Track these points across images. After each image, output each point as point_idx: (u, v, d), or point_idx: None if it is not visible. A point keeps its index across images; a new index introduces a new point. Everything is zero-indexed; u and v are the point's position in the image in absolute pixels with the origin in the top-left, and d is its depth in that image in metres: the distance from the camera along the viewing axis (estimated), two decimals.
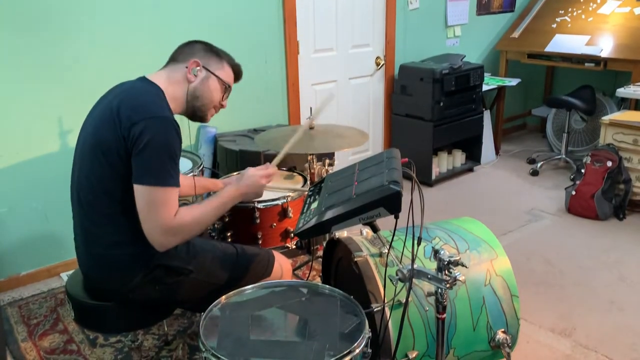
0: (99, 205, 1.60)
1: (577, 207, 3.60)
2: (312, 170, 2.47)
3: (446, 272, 1.39)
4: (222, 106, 1.80)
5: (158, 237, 1.54)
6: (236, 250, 1.84)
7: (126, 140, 1.51)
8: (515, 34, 4.83)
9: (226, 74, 1.76)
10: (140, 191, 1.52)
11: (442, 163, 4.35)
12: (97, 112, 1.64)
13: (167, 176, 1.52)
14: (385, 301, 1.64)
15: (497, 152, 4.92)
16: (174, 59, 1.73)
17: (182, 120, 3.33)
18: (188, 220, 1.57)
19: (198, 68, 1.68)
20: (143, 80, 1.66)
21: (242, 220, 2.18)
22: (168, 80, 1.67)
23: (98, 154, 1.56)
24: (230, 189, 1.75)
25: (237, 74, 1.82)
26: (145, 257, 1.64)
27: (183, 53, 1.72)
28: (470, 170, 4.56)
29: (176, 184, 1.55)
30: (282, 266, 1.91)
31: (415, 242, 1.50)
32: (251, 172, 1.81)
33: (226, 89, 1.77)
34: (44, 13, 2.70)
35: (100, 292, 1.73)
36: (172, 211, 1.54)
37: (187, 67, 1.68)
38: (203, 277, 1.73)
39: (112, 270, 1.65)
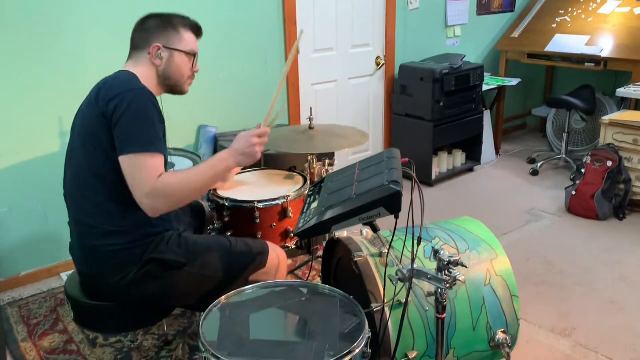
0: (90, 193, 1.63)
1: (577, 207, 3.60)
2: (312, 170, 2.47)
3: (446, 272, 1.39)
4: (195, 72, 1.81)
5: (145, 201, 1.56)
6: (229, 242, 1.84)
7: (105, 117, 1.56)
8: (515, 34, 4.83)
9: (187, 42, 1.75)
10: (124, 161, 1.55)
11: (442, 163, 4.35)
12: (82, 106, 1.70)
13: (147, 143, 1.55)
14: (385, 301, 1.64)
15: (497, 152, 4.92)
16: (135, 46, 1.75)
17: (181, 121, 3.32)
18: (172, 181, 1.58)
19: (160, 51, 1.71)
20: (120, 70, 1.72)
21: (242, 220, 2.17)
22: (138, 69, 1.71)
23: (86, 140, 1.61)
24: (222, 152, 1.75)
25: (197, 32, 1.80)
26: (138, 249, 1.65)
27: (141, 38, 1.73)
28: (471, 170, 4.56)
29: (158, 150, 1.57)
30: (279, 256, 1.91)
31: (415, 242, 1.50)
32: (242, 134, 1.79)
33: (193, 56, 1.78)
34: (44, 12, 2.70)
35: (97, 291, 1.73)
36: (155, 174, 1.56)
37: (149, 54, 1.71)
38: (197, 269, 1.73)
39: (106, 262, 1.66)
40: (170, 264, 1.69)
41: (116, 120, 1.55)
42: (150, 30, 1.72)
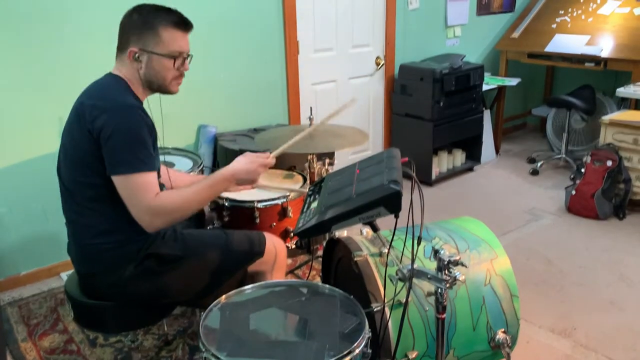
0: (83, 195, 1.63)
1: (577, 206, 3.60)
2: (312, 170, 2.47)
3: (446, 271, 1.39)
4: (184, 71, 1.71)
5: (144, 218, 1.57)
6: (225, 234, 1.84)
7: (92, 134, 1.55)
8: (515, 34, 4.83)
9: (166, 43, 1.62)
10: (117, 181, 1.56)
11: (442, 162, 4.35)
12: (70, 113, 1.68)
13: (138, 162, 1.55)
14: (385, 301, 1.64)
15: (497, 152, 4.92)
16: (119, 45, 1.68)
17: (181, 121, 3.32)
18: (170, 201, 1.59)
19: (137, 55, 1.63)
20: (107, 75, 1.70)
21: (241, 219, 2.17)
22: (124, 71, 1.68)
23: (73, 154, 1.61)
24: (224, 170, 1.72)
25: (183, 27, 1.66)
26: (133, 246, 1.66)
27: (122, 37, 1.66)
28: (470, 169, 4.56)
29: (150, 168, 1.57)
30: (276, 246, 1.91)
31: (415, 241, 1.50)
32: (251, 157, 1.77)
33: (176, 57, 1.65)
34: (45, 12, 2.70)
35: (96, 290, 1.73)
36: (151, 193, 1.56)
37: (128, 57, 1.64)
38: (195, 262, 1.74)
39: (102, 261, 1.66)
40: (167, 258, 1.70)
41: (104, 140, 1.53)
42: (128, 29, 1.64)
